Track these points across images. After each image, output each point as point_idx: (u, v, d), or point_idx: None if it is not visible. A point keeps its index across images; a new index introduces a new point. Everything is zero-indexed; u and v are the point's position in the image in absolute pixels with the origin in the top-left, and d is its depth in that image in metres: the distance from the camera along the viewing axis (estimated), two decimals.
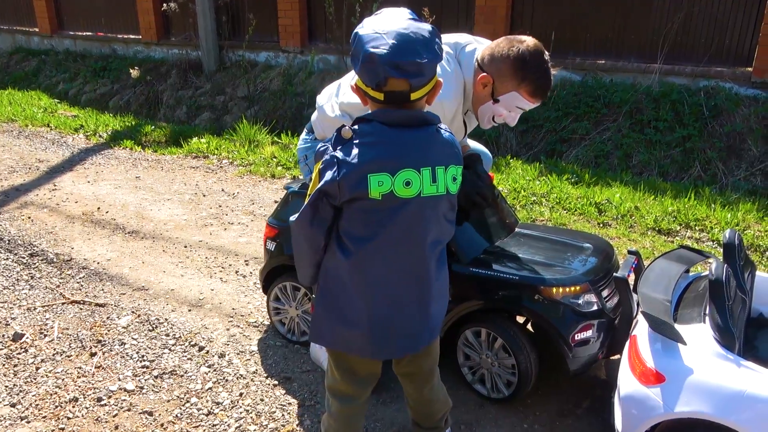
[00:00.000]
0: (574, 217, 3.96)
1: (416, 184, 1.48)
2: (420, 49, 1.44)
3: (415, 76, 1.44)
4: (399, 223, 1.50)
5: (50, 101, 8.35)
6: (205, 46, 8.83)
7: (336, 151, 1.48)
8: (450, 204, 1.60)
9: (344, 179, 1.45)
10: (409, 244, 1.55)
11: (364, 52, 1.44)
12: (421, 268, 1.59)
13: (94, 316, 2.89)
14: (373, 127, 1.48)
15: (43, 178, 4.95)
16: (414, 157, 1.47)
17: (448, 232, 1.64)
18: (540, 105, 2.20)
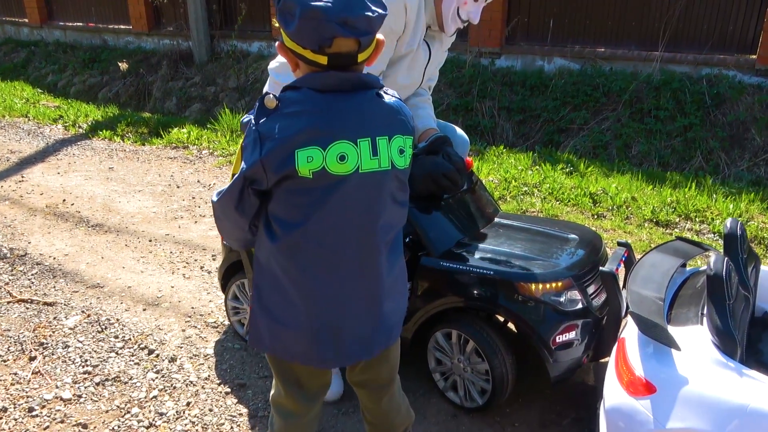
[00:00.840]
0: (567, 208, 3.72)
1: (353, 159, 1.24)
2: (367, 0, 1.20)
3: (366, 33, 1.21)
4: (335, 204, 1.26)
5: (33, 92, 8.13)
6: (196, 36, 8.61)
7: (259, 124, 1.23)
8: (399, 182, 1.34)
9: (268, 157, 1.21)
10: (349, 230, 1.30)
11: (303, 6, 1.18)
12: (368, 258, 1.34)
13: (40, 316, 2.67)
14: (301, 94, 1.24)
15: (12, 170, 4.72)
16: (349, 127, 1.24)
17: (399, 216, 1.39)
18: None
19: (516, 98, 6.19)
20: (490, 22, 6.54)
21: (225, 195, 1.32)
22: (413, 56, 2.10)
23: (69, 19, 10.48)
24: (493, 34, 6.57)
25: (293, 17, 1.20)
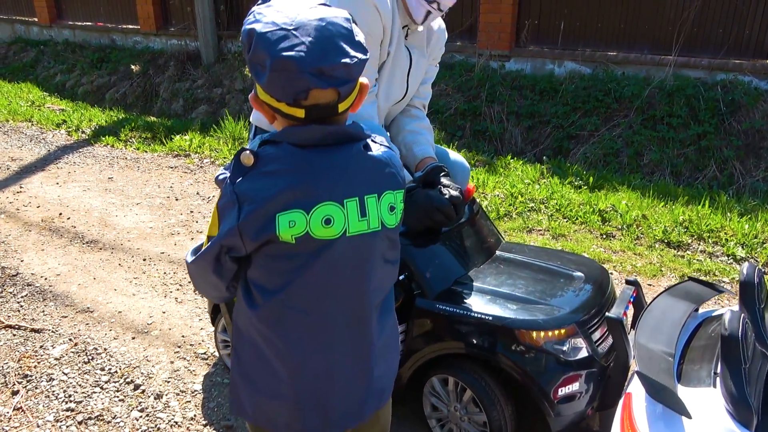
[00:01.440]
0: (574, 227, 3.59)
1: (339, 222, 1.12)
2: (345, 45, 1.08)
3: (345, 83, 1.09)
4: (320, 270, 1.14)
5: (40, 94, 8.10)
6: (203, 36, 8.54)
7: (235, 184, 1.11)
8: (389, 241, 1.22)
9: (246, 223, 1.10)
10: (336, 297, 1.18)
11: (274, 57, 1.05)
12: (358, 324, 1.22)
13: (27, 344, 2.59)
14: (281, 150, 1.12)
15: (11, 179, 4.66)
16: (335, 187, 1.12)
17: (390, 276, 1.28)
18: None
19: (525, 103, 6.05)
20: (499, 24, 6.41)
21: (200, 259, 1.20)
22: (394, 61, 2.00)
23: (78, 19, 10.45)
24: (502, 37, 6.43)
25: (264, 68, 1.08)
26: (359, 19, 1.81)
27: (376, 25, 1.87)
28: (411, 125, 2.17)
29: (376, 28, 1.88)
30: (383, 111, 2.12)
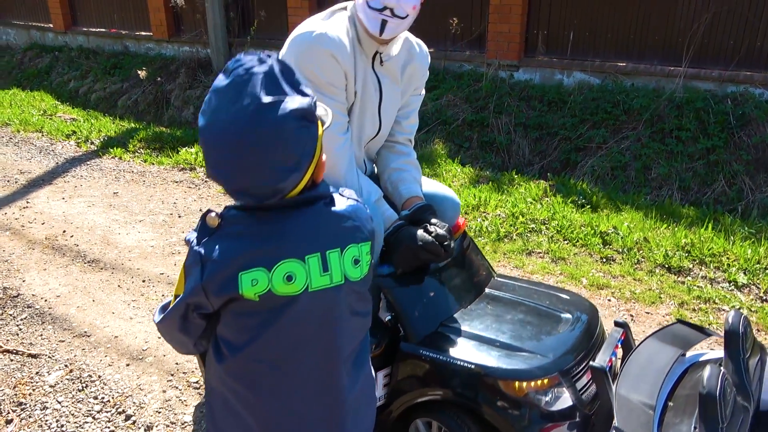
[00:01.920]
0: (575, 249, 3.55)
1: (301, 278, 1.15)
2: (274, 165, 1.09)
3: (274, 195, 1.12)
4: (285, 325, 1.17)
5: (52, 102, 8.20)
6: (214, 43, 8.60)
7: (200, 245, 1.15)
8: (356, 294, 1.25)
9: (210, 281, 1.13)
10: (304, 351, 1.20)
11: (208, 169, 1.14)
12: (327, 378, 1.24)
13: (23, 370, 2.62)
14: (243, 213, 1.16)
15: (18, 193, 4.73)
16: (295, 244, 1.16)
17: (360, 327, 1.29)
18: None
19: (533, 114, 6.01)
20: (508, 34, 6.37)
21: (167, 318, 1.23)
22: (362, 98, 1.97)
23: (92, 25, 10.57)
24: (511, 47, 6.39)
25: None
26: (318, 70, 1.81)
27: (336, 73, 1.85)
28: (396, 162, 2.15)
29: (336, 77, 1.85)
30: (360, 151, 2.10)
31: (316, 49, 1.80)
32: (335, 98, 1.88)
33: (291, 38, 1.87)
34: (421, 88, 2.19)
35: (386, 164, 2.17)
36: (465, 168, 5.02)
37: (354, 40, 1.91)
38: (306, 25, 1.87)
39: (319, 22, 1.88)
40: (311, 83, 1.83)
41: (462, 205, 4.13)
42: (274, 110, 1.06)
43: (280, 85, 1.09)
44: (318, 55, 1.81)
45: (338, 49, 1.82)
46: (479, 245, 3.64)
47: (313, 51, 1.81)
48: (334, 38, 1.82)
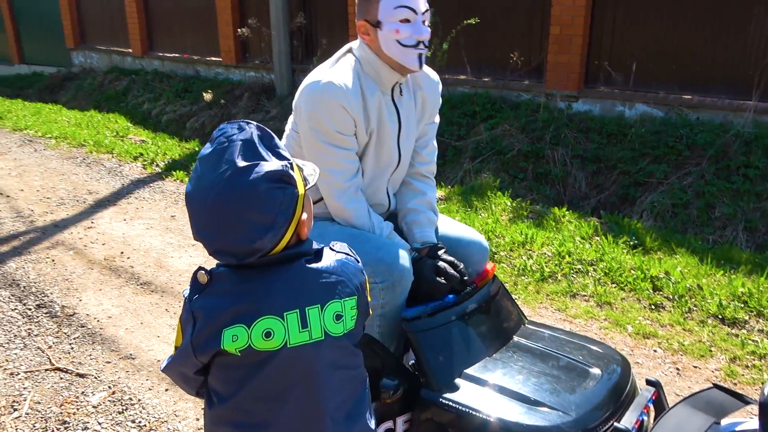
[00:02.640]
0: (622, 294, 3.42)
1: (279, 334, 1.20)
2: (248, 225, 1.15)
3: (253, 254, 1.18)
4: (267, 379, 1.22)
5: (125, 124, 8.67)
6: (278, 69, 8.91)
7: (192, 301, 1.23)
8: (341, 349, 1.27)
9: (196, 338, 1.21)
10: (284, 405, 1.23)
11: (192, 230, 1.22)
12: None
13: (71, 389, 2.76)
14: (230, 270, 1.22)
15: (85, 213, 5.02)
16: (275, 301, 1.20)
17: (349, 380, 1.31)
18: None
19: (591, 146, 5.87)
20: (568, 64, 6.28)
21: (168, 371, 1.32)
22: (378, 133, 2.01)
23: (167, 51, 11.17)
24: (571, 77, 6.30)
25: None
26: (327, 120, 1.87)
27: (344, 122, 1.89)
28: (412, 202, 2.16)
29: (345, 125, 1.90)
30: (379, 187, 2.11)
31: (323, 99, 1.86)
32: (343, 147, 1.94)
33: (301, 87, 1.94)
34: (435, 115, 2.20)
35: (403, 203, 2.19)
36: (514, 201, 4.94)
37: (365, 80, 1.95)
38: (314, 75, 1.93)
39: (326, 71, 1.92)
40: (320, 132, 1.89)
41: (507, 241, 4.07)
42: (247, 174, 1.14)
43: (257, 151, 1.17)
44: (326, 105, 1.86)
45: (345, 97, 1.87)
46: (522, 284, 3.57)
47: (321, 101, 1.86)
48: (341, 86, 1.87)
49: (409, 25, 1.88)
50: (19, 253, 4.22)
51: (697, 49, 5.54)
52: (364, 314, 1.32)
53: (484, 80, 6.88)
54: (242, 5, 9.52)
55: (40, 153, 7.08)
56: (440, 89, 2.20)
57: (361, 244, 1.95)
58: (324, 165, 1.95)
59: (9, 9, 14.61)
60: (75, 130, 8.08)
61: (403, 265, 1.94)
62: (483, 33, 6.80)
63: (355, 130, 1.95)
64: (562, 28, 6.22)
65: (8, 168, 6.43)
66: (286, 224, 1.18)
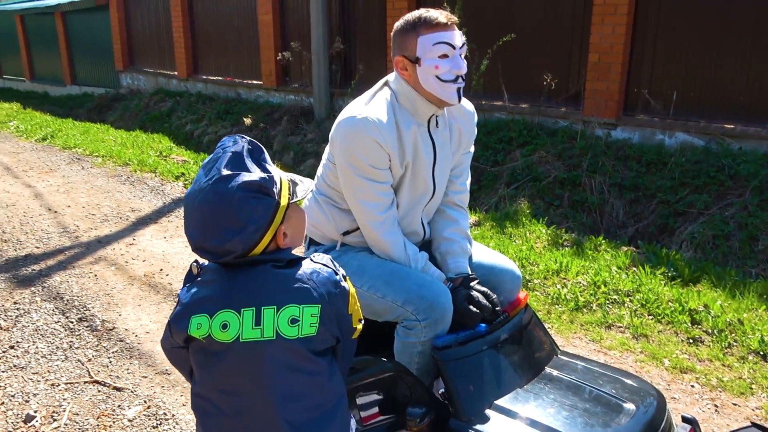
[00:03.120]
0: (659, 326, 3.35)
1: (234, 327, 1.31)
2: (221, 227, 1.30)
3: (226, 254, 1.32)
4: (224, 371, 1.33)
5: (168, 144, 8.93)
6: (317, 93, 9.08)
7: (182, 288, 1.40)
8: (296, 353, 1.32)
9: (173, 320, 1.36)
10: (239, 401, 1.33)
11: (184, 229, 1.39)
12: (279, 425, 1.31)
13: (108, 401, 2.83)
14: (214, 266, 1.38)
15: (127, 230, 5.17)
16: (236, 297, 1.33)
17: (305, 387, 1.34)
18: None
19: (630, 174, 5.79)
20: (606, 92, 6.25)
21: (162, 346, 1.48)
22: (413, 166, 2.04)
23: (211, 74, 11.51)
24: (609, 105, 6.26)
25: None
26: (361, 155, 1.91)
27: (378, 156, 1.93)
28: (446, 231, 2.18)
29: (379, 160, 1.94)
30: (414, 217, 2.14)
31: (357, 135, 1.90)
32: (376, 180, 1.98)
33: (337, 121, 1.99)
34: (470, 145, 2.22)
35: (437, 232, 2.20)
36: (549, 229, 4.90)
37: (401, 113, 1.98)
38: (350, 109, 1.98)
39: (361, 107, 1.96)
40: (354, 166, 1.94)
41: (542, 269, 4.03)
42: (227, 182, 1.29)
43: (243, 162, 1.32)
44: (360, 140, 1.90)
45: (379, 132, 1.90)
46: (555, 313, 3.52)
47: (356, 137, 1.91)
48: (375, 122, 1.90)
49: (447, 60, 1.91)
50: (64, 268, 4.38)
51: (740, 78, 5.45)
52: (331, 324, 1.37)
53: (521, 106, 6.89)
54: (284, 30, 9.78)
55: (87, 171, 7.35)
56: (476, 120, 2.23)
57: (402, 281, 1.99)
58: (359, 197, 2.00)
59: (65, 33, 15.31)
60: (121, 149, 8.36)
61: (445, 303, 1.95)
62: (520, 60, 6.83)
63: (389, 164, 1.99)
64: (601, 56, 6.20)
65: (57, 185, 6.69)
66: (259, 231, 1.31)
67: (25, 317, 3.64)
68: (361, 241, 2.14)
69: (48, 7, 15.49)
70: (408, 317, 1.94)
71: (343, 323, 1.40)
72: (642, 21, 5.99)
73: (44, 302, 3.84)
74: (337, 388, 1.41)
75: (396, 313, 1.97)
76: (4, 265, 4.44)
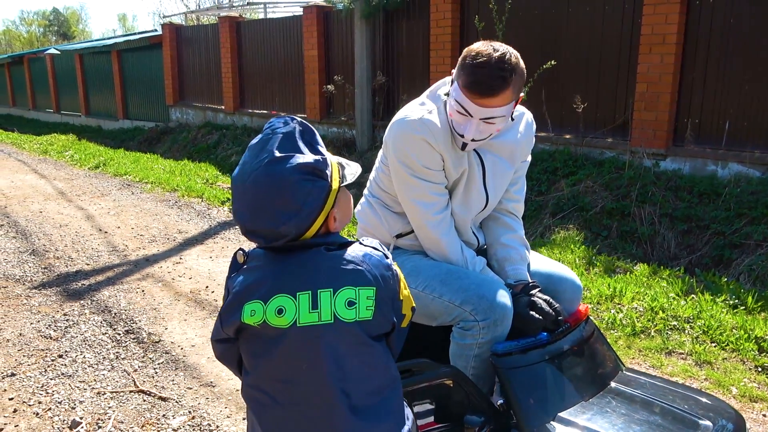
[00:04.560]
0: (723, 354, 3.16)
1: (291, 312, 1.26)
2: (275, 210, 1.25)
3: (278, 238, 1.28)
4: (280, 358, 1.28)
5: (214, 173, 9.12)
6: (360, 126, 9.19)
7: (229, 278, 1.35)
8: (352, 337, 1.28)
9: (224, 311, 1.31)
10: (299, 387, 1.28)
11: (232, 210, 1.37)
12: (324, 418, 1.26)
13: (153, 411, 2.80)
14: (261, 252, 1.33)
15: (174, 250, 5.24)
16: (290, 281, 1.28)
17: (372, 376, 1.31)
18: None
19: (681, 205, 5.62)
20: (655, 122, 6.13)
21: (212, 343, 1.43)
22: (469, 173, 1.98)
23: (257, 107, 11.81)
24: (658, 135, 6.13)
25: None
26: (414, 155, 1.89)
27: (430, 157, 1.89)
28: (503, 237, 2.10)
29: (431, 161, 1.90)
30: (467, 222, 2.08)
31: (410, 135, 1.87)
32: (430, 180, 1.93)
33: (391, 122, 1.97)
34: (527, 155, 2.16)
35: (494, 238, 2.13)
36: (600, 256, 4.75)
37: (451, 124, 1.92)
38: (404, 111, 1.95)
39: (416, 108, 1.93)
40: (408, 166, 1.91)
41: (594, 294, 3.89)
42: (282, 163, 1.25)
43: (295, 144, 1.28)
44: (412, 141, 1.87)
45: (431, 134, 1.86)
46: (611, 338, 3.37)
47: (408, 137, 1.87)
48: (428, 123, 1.86)
49: (461, 118, 1.83)
50: (112, 283, 4.43)
51: None
52: (386, 307, 1.33)
53: (565, 137, 6.81)
54: (329, 64, 10.00)
55: (137, 196, 7.53)
56: (534, 129, 2.18)
57: (460, 280, 1.92)
58: (414, 198, 1.96)
59: (119, 71, 16.00)
60: (169, 176, 8.57)
61: (506, 304, 1.87)
62: (565, 90, 6.79)
63: (442, 165, 1.95)
64: (649, 86, 6.11)
65: (108, 207, 6.87)
66: (313, 214, 1.27)
67: (73, 328, 3.68)
68: (414, 244, 2.09)
69: (105, 46, 16.25)
70: (466, 318, 1.87)
71: (396, 308, 1.37)
72: (691, 50, 5.90)
73: (92, 314, 3.88)
74: (394, 373, 1.37)
75: (453, 315, 1.90)
76: (55, 280, 4.53)
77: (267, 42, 11.38)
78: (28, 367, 3.21)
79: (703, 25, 5.78)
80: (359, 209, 2.17)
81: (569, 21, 6.77)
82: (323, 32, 9.95)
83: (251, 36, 11.79)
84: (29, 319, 3.82)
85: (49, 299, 4.14)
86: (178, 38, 13.80)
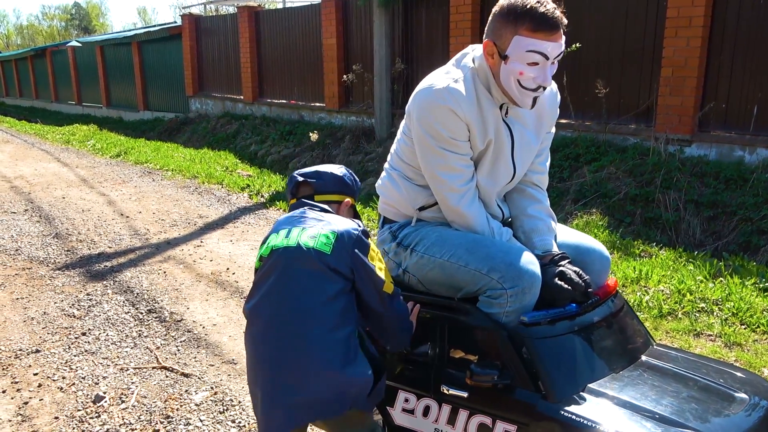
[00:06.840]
0: (754, 336, 3.09)
1: (272, 241, 1.71)
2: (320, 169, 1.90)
3: (316, 178, 1.86)
4: (260, 278, 1.69)
5: (234, 161, 9.15)
6: (379, 114, 9.15)
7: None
8: (310, 260, 1.62)
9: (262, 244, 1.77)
10: (268, 300, 1.63)
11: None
12: (295, 327, 1.60)
13: (175, 386, 2.81)
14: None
15: (195, 234, 5.26)
16: (283, 224, 1.74)
17: (323, 296, 1.62)
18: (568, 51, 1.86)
19: (707, 191, 5.50)
20: (680, 107, 6.00)
21: None
22: (495, 144, 1.93)
23: (275, 97, 11.81)
24: (683, 120, 5.99)
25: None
26: (439, 126, 1.84)
27: (457, 127, 1.84)
28: (529, 209, 2.05)
29: (458, 131, 1.85)
30: (492, 195, 2.03)
31: (435, 105, 1.82)
32: (456, 151, 1.88)
33: (415, 92, 1.91)
34: (551, 126, 2.10)
35: (519, 210, 2.08)
36: (624, 240, 4.68)
37: (480, 88, 1.88)
38: (428, 80, 1.89)
39: (441, 76, 1.88)
40: (432, 137, 1.85)
41: (620, 277, 3.83)
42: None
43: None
44: (437, 111, 1.82)
45: (458, 103, 1.81)
46: None
47: (433, 107, 1.82)
48: (454, 92, 1.81)
49: (535, 69, 1.79)
50: (135, 265, 4.46)
51: None
52: (343, 253, 1.64)
53: (587, 124, 6.71)
54: (347, 53, 9.96)
55: (158, 182, 7.58)
56: (558, 100, 2.12)
57: (486, 248, 1.87)
58: (439, 169, 1.91)
59: (140, 62, 16.11)
60: (189, 164, 8.62)
61: (534, 271, 1.82)
62: (587, 75, 6.68)
63: (468, 135, 1.90)
64: (675, 70, 5.97)
65: (129, 194, 6.92)
66: (334, 188, 1.87)
67: (96, 307, 3.70)
68: (437, 216, 2.04)
69: (125, 38, 16.38)
70: (493, 286, 1.82)
71: (358, 264, 1.65)
72: (718, 33, 5.75)
73: (115, 294, 3.91)
74: (351, 318, 1.67)
75: (480, 283, 1.86)
76: (78, 261, 4.57)
77: (286, 31, 11.37)
78: (53, 344, 3.23)
79: (731, 7, 5.63)
80: (380, 183, 2.13)
81: (591, 3, 6.65)
82: (342, 21, 9.90)
83: (270, 26, 11.78)
84: (53, 298, 3.85)
85: (72, 280, 4.18)
86: (197, 29, 13.84)
